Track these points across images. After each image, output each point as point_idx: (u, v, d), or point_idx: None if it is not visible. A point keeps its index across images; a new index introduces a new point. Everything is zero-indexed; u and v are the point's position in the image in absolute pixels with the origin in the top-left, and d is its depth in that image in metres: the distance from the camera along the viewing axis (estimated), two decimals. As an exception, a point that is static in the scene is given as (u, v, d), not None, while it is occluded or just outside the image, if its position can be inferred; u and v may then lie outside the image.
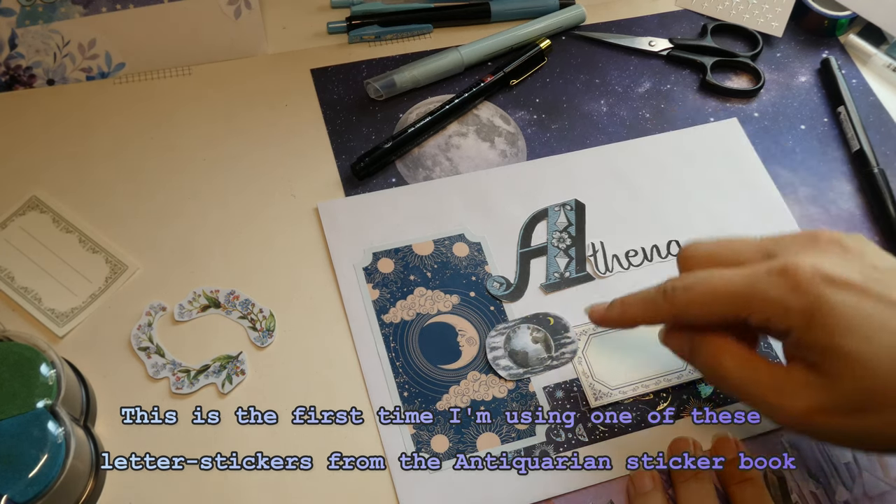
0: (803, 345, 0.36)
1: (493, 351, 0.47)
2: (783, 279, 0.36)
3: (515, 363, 0.47)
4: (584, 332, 0.49)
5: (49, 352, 0.41)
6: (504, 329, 0.48)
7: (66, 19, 0.54)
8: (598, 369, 0.47)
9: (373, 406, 0.46)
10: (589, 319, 0.44)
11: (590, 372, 0.47)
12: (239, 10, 0.56)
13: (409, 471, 0.44)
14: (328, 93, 0.58)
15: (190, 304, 0.48)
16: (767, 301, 0.36)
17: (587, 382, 0.47)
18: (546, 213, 0.53)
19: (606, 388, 0.47)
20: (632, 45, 0.62)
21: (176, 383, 0.45)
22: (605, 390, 0.47)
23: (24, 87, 0.55)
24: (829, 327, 0.34)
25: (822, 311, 0.35)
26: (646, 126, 0.58)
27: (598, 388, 0.47)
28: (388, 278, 0.50)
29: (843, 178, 0.57)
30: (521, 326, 0.48)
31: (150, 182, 0.53)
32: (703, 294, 0.38)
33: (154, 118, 0.55)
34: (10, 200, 0.51)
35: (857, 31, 0.64)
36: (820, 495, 0.44)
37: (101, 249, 0.50)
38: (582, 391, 0.47)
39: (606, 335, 0.49)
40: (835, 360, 0.34)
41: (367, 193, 0.53)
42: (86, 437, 0.41)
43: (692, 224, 0.54)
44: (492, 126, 0.57)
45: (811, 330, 0.35)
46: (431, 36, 0.61)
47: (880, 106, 0.61)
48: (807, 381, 0.36)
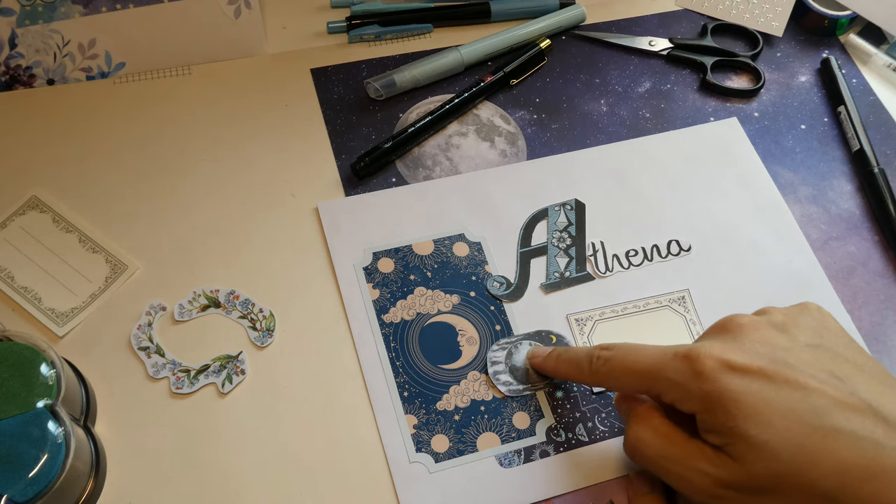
0: (708, 428, 0.36)
1: (494, 365, 0.47)
2: (685, 364, 0.37)
3: (515, 379, 0.47)
4: (590, 317, 0.49)
5: (49, 352, 0.41)
6: (506, 344, 0.48)
7: (66, 19, 0.54)
8: None
9: (373, 406, 0.46)
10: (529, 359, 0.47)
11: None
12: (239, 10, 0.56)
13: (409, 470, 0.44)
14: (328, 93, 0.58)
15: (190, 304, 0.48)
16: (671, 384, 0.37)
17: None
18: (546, 213, 0.53)
19: None
20: (632, 44, 0.62)
21: (176, 383, 0.45)
22: None
23: (24, 87, 0.55)
24: (731, 413, 0.35)
25: (722, 397, 0.35)
26: (646, 126, 0.58)
27: None
28: (388, 278, 0.50)
29: (843, 178, 0.57)
30: (524, 342, 0.48)
31: (150, 182, 0.53)
32: (616, 369, 0.40)
33: (154, 118, 0.55)
34: (10, 200, 0.51)
35: (858, 31, 0.64)
36: None
37: (101, 249, 0.50)
38: (582, 391, 0.47)
39: (611, 322, 0.49)
40: (738, 444, 0.35)
41: (367, 193, 0.53)
42: (86, 437, 0.41)
43: (692, 224, 0.54)
44: (492, 126, 0.57)
45: (713, 415, 0.36)
46: (431, 36, 0.61)
47: (880, 106, 0.61)
48: (714, 459, 0.36)
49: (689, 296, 0.51)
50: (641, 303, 0.50)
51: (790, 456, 0.34)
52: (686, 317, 0.50)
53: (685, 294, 0.51)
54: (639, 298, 0.50)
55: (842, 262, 0.53)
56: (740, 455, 0.35)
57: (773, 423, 0.34)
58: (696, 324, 0.50)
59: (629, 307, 0.50)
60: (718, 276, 0.51)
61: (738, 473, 0.35)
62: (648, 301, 0.50)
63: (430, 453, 0.44)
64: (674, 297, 0.50)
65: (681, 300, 0.50)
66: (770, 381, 0.35)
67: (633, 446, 0.39)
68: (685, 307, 0.50)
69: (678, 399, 0.37)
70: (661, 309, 0.50)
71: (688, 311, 0.50)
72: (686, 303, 0.50)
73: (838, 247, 0.54)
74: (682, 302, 0.50)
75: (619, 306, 0.49)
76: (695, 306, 0.50)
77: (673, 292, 0.51)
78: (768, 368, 0.36)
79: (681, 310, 0.50)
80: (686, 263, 0.52)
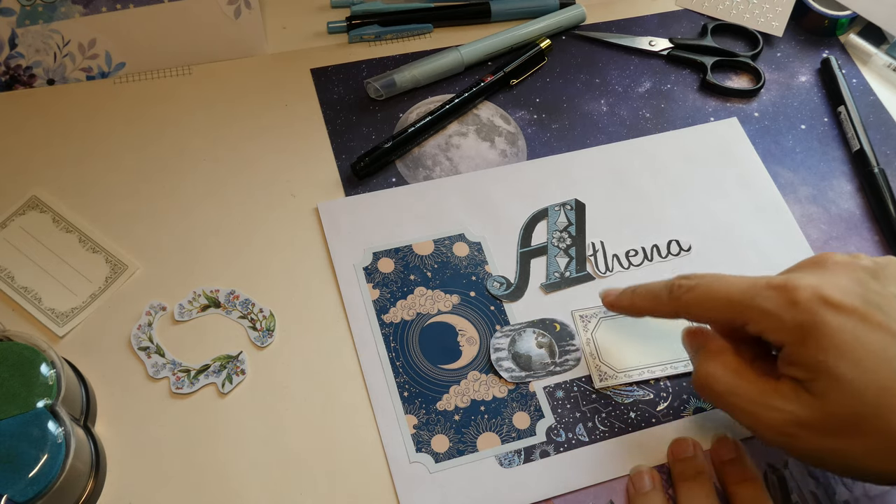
0: (795, 360, 0.36)
1: (497, 352, 0.47)
2: (781, 294, 0.36)
3: (518, 366, 0.47)
4: (595, 314, 0.49)
5: (49, 352, 0.41)
6: (510, 331, 0.48)
7: (66, 19, 0.54)
8: (605, 351, 0.48)
9: (373, 406, 0.46)
10: (601, 300, 0.46)
11: (597, 353, 0.48)
12: (239, 10, 0.56)
13: (409, 470, 0.44)
14: (328, 93, 0.58)
15: (190, 304, 0.48)
16: (763, 313, 0.37)
17: (593, 364, 0.47)
18: (546, 213, 0.53)
19: (612, 370, 0.47)
20: (632, 44, 0.62)
21: (176, 383, 0.45)
22: (610, 372, 0.47)
23: (24, 86, 0.55)
24: (822, 347, 0.35)
25: (816, 330, 0.35)
26: (646, 126, 0.58)
27: (604, 369, 0.47)
28: (388, 278, 0.50)
29: (843, 178, 0.57)
30: (527, 330, 0.48)
31: (150, 182, 0.53)
32: (702, 297, 0.39)
33: (154, 118, 0.55)
34: (10, 200, 0.51)
35: (858, 31, 0.64)
36: (820, 495, 0.44)
37: (101, 249, 0.50)
38: (582, 391, 0.47)
39: (616, 319, 0.49)
40: (823, 380, 0.35)
41: (367, 193, 0.53)
42: (86, 437, 0.41)
43: (692, 223, 0.54)
44: (492, 126, 0.57)
45: (803, 347, 0.35)
46: (431, 36, 0.61)
47: (880, 106, 0.61)
48: (793, 396, 0.36)
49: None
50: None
51: (874, 397, 0.34)
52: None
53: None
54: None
55: None
56: (822, 391, 0.35)
57: (863, 363, 0.34)
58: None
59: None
60: (718, 276, 0.51)
61: (816, 410, 0.35)
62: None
63: (431, 453, 0.44)
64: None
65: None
66: (864, 321, 0.35)
67: (703, 381, 0.39)
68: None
69: (768, 329, 0.37)
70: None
71: (688, 311, 0.50)
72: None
73: (838, 247, 0.54)
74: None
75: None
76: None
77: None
78: (862, 309, 0.35)
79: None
80: (686, 263, 0.52)
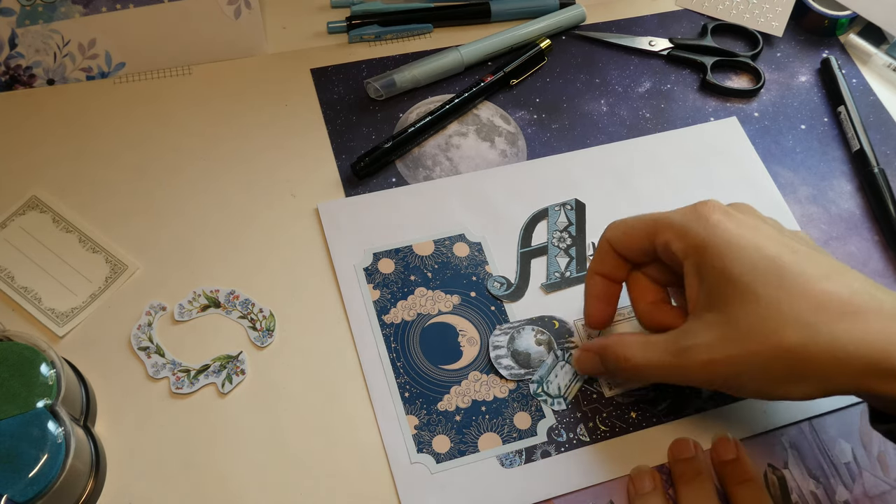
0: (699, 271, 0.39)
1: (496, 350, 0.47)
2: (690, 210, 0.41)
3: (517, 363, 0.47)
4: None
5: (49, 352, 0.41)
6: (508, 329, 0.48)
7: (66, 19, 0.54)
8: None
9: (374, 406, 0.46)
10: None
11: None
12: (239, 10, 0.56)
13: (410, 471, 0.44)
14: (328, 93, 0.58)
15: (190, 304, 0.48)
16: (672, 225, 0.41)
17: None
18: (546, 213, 0.53)
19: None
20: (632, 44, 0.62)
21: (176, 383, 0.45)
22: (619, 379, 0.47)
23: (24, 87, 0.55)
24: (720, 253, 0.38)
25: (716, 237, 0.39)
26: (646, 126, 0.58)
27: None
28: (388, 278, 0.50)
29: (843, 178, 0.57)
30: (526, 327, 0.48)
31: (150, 182, 0.53)
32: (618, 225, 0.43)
33: (154, 118, 0.55)
34: (10, 200, 0.51)
35: (857, 31, 0.64)
36: (820, 495, 0.44)
37: (101, 249, 0.50)
38: (583, 391, 0.47)
39: (617, 325, 0.49)
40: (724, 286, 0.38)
41: (367, 193, 0.53)
42: (86, 437, 0.41)
43: (692, 224, 0.53)
44: (492, 126, 0.57)
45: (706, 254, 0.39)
46: (431, 36, 0.61)
47: (880, 106, 0.61)
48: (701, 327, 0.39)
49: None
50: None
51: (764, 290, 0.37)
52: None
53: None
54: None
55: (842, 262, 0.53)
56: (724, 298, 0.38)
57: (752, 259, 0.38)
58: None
59: (633, 308, 0.50)
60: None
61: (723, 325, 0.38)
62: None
63: (432, 454, 0.44)
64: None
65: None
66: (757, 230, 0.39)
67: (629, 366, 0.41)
68: (686, 307, 0.50)
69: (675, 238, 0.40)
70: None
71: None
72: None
73: (838, 247, 0.54)
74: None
75: (625, 309, 0.49)
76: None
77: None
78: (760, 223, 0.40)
79: (681, 310, 0.50)
80: (686, 263, 0.52)
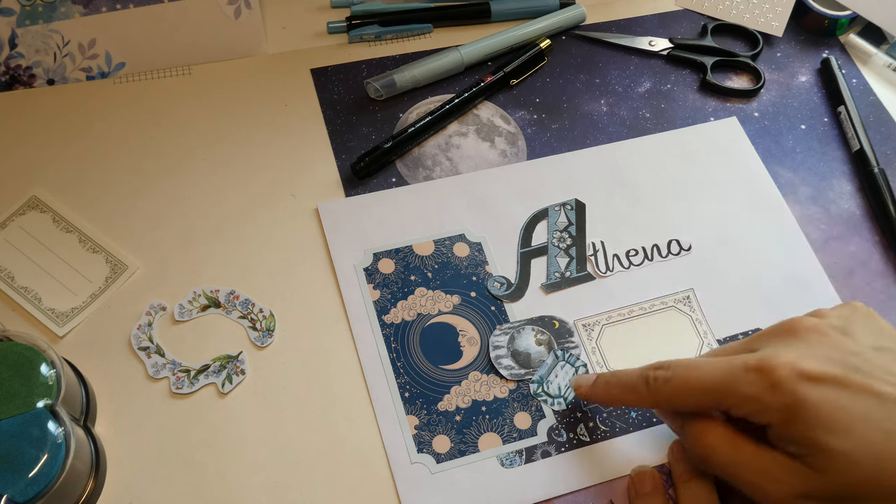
0: (785, 438, 0.36)
1: (496, 350, 0.47)
2: (760, 376, 0.36)
3: (518, 363, 0.47)
4: (597, 322, 0.49)
5: (49, 352, 0.41)
6: (508, 329, 0.48)
7: (66, 19, 0.54)
8: (612, 360, 0.48)
9: (374, 406, 0.46)
10: (574, 390, 0.45)
11: (605, 363, 0.48)
12: (239, 10, 0.56)
13: (410, 471, 0.44)
14: (328, 93, 0.58)
15: (190, 304, 0.48)
16: (745, 398, 0.36)
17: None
18: (546, 213, 0.53)
19: None
20: (632, 44, 0.62)
21: (176, 383, 0.45)
22: None
23: (24, 86, 0.55)
24: (810, 424, 0.35)
25: (801, 408, 0.35)
26: (646, 126, 0.58)
27: None
28: (388, 279, 0.50)
29: (843, 178, 0.57)
30: (526, 328, 0.48)
31: (150, 182, 0.53)
32: (681, 388, 0.38)
33: (154, 118, 0.55)
34: (10, 200, 0.51)
35: (858, 31, 0.64)
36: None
37: (101, 249, 0.49)
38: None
39: (618, 325, 0.49)
40: (818, 456, 0.35)
41: (367, 193, 0.53)
42: (86, 437, 0.41)
43: (692, 223, 0.54)
44: (492, 126, 0.57)
45: (791, 426, 0.35)
46: (431, 36, 0.61)
47: (880, 106, 0.61)
48: (793, 468, 0.36)
49: (694, 295, 0.51)
50: (647, 304, 0.50)
51: (871, 464, 0.34)
52: (692, 316, 0.50)
53: (690, 294, 0.51)
54: (644, 300, 0.50)
55: (842, 262, 0.53)
56: (820, 466, 0.35)
57: (853, 432, 0.34)
58: (702, 323, 0.50)
59: (635, 309, 0.50)
60: (719, 276, 0.51)
61: (818, 483, 0.35)
62: (654, 302, 0.50)
63: (432, 454, 0.44)
64: (679, 297, 0.50)
65: (686, 300, 0.50)
66: (846, 388, 0.35)
67: (702, 453, 0.38)
68: (690, 307, 0.50)
69: (753, 412, 0.36)
70: (667, 310, 0.50)
71: (693, 311, 0.50)
72: (691, 302, 0.50)
73: (838, 247, 0.54)
74: (687, 302, 0.50)
75: (624, 309, 0.49)
76: (700, 306, 0.50)
77: (678, 292, 0.51)
78: (843, 376, 0.35)
79: (686, 310, 0.50)
80: (686, 263, 0.52)
